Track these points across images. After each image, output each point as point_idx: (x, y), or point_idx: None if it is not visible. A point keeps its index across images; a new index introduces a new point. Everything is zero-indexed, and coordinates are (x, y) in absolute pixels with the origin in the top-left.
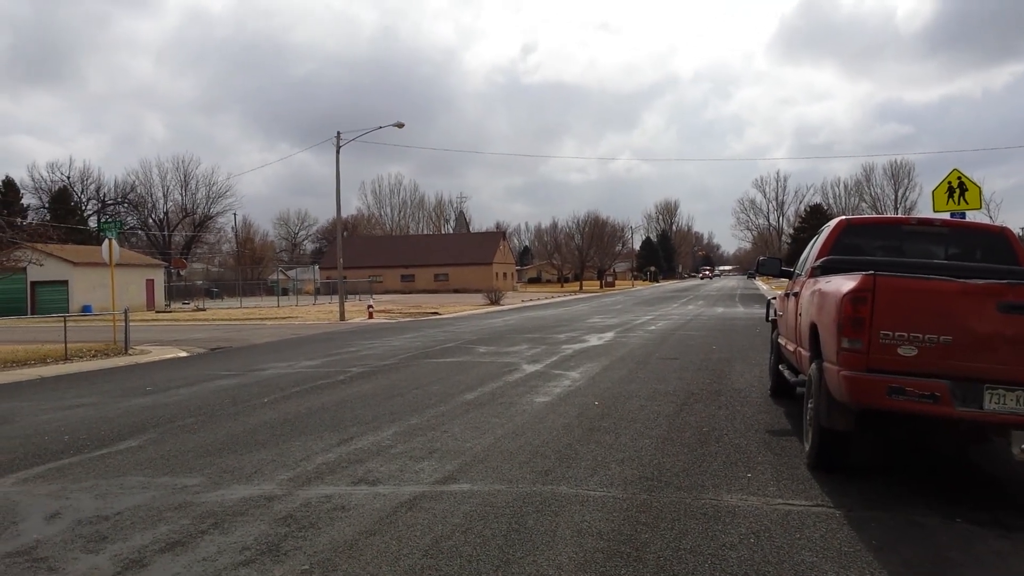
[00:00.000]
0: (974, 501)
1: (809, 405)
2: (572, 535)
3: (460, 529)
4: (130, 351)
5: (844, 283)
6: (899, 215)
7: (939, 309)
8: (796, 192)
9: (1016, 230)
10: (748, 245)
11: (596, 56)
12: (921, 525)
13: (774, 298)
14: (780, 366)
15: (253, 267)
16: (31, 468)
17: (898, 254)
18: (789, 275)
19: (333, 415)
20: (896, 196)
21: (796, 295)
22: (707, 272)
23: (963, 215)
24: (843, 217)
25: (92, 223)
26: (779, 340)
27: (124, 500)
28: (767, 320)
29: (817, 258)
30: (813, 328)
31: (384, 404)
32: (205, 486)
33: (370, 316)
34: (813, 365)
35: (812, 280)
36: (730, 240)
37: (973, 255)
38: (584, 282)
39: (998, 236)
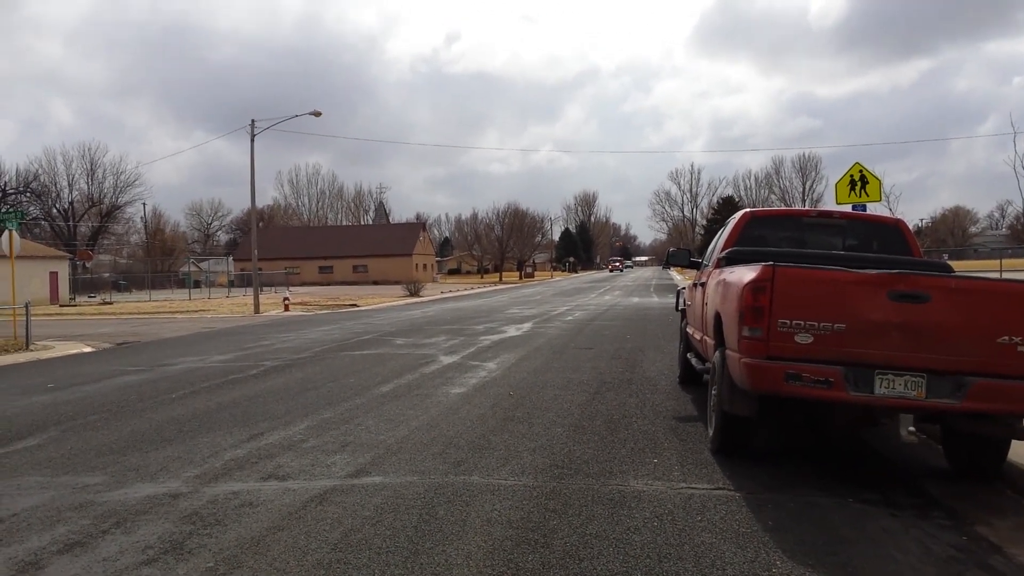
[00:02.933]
0: (866, 482)
1: (713, 392)
2: (482, 524)
3: (370, 522)
4: (32, 347)
5: (745, 273)
6: (804, 207)
7: (834, 298)
8: (710, 184)
9: (916, 222)
10: (664, 236)
11: (519, 47)
12: (816, 506)
13: (683, 288)
14: (688, 354)
15: (164, 259)
16: None
17: (799, 245)
18: (698, 266)
19: (244, 410)
20: (804, 188)
21: (703, 285)
22: (617, 264)
23: (864, 207)
24: (747, 210)
25: None
26: (687, 329)
27: (21, 501)
28: (677, 310)
29: (723, 249)
30: (718, 317)
31: (297, 398)
32: (108, 485)
33: (286, 309)
34: (717, 353)
35: (717, 271)
36: (647, 231)
37: (870, 246)
38: (504, 273)
39: (893, 228)
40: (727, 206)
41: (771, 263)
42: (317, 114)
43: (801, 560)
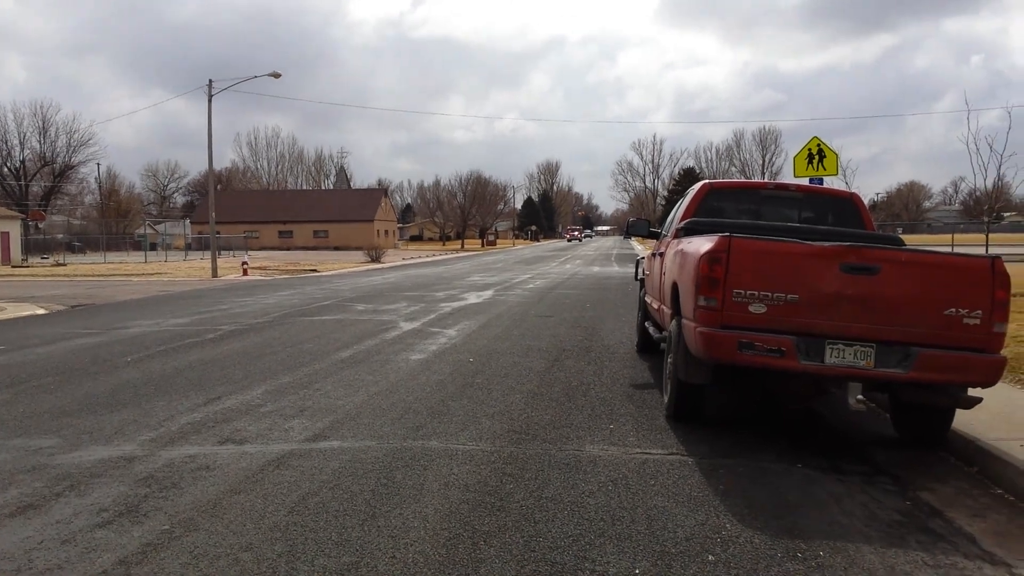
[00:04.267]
0: (816, 449)
1: (669, 360)
2: (439, 488)
3: (328, 485)
4: None
5: (702, 244)
6: (764, 180)
7: (788, 270)
8: (671, 156)
9: (872, 196)
10: (625, 206)
11: (486, 13)
12: (766, 471)
13: (643, 258)
14: (646, 323)
15: (119, 221)
16: None
17: (756, 217)
18: (657, 236)
19: (200, 374)
20: (763, 161)
21: (661, 255)
22: (576, 233)
23: (821, 181)
24: (706, 181)
25: None
26: (646, 298)
27: None
28: (636, 279)
29: (681, 220)
30: (675, 287)
31: (255, 363)
32: (61, 448)
33: (244, 273)
34: (673, 322)
35: (676, 241)
36: (609, 201)
37: (825, 219)
38: (466, 241)
39: (847, 201)
40: (688, 177)
41: (727, 234)
42: (276, 75)
43: (750, 523)
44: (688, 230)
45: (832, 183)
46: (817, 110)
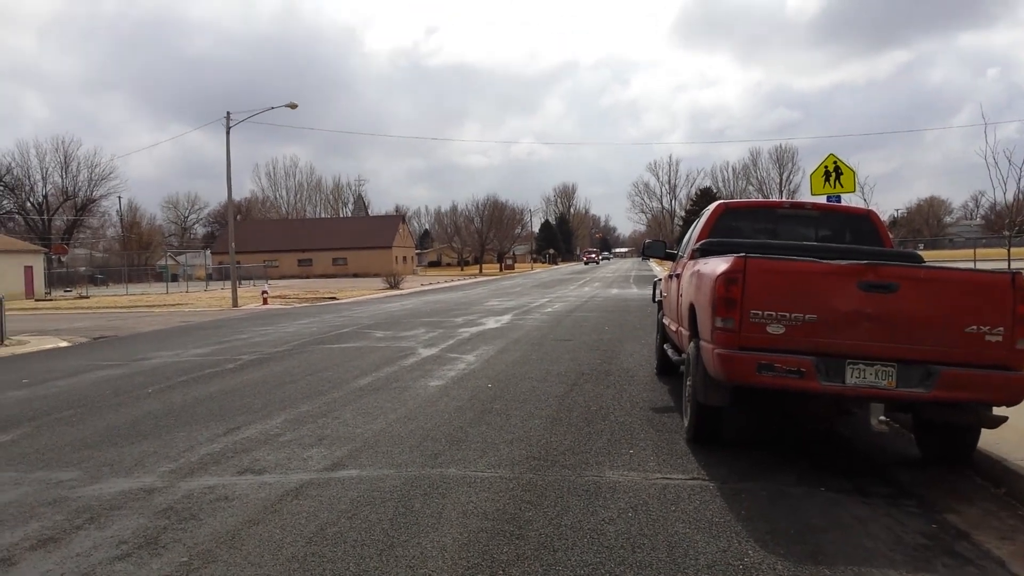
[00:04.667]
0: (838, 471)
1: (688, 382)
2: (458, 516)
3: (346, 515)
4: (6, 341)
5: (718, 265)
6: (781, 198)
7: (805, 289)
8: (688, 176)
9: (891, 212)
10: (643, 227)
11: (498, 40)
12: (788, 495)
13: (660, 279)
14: (665, 345)
15: (140, 252)
16: None
17: (772, 236)
18: (673, 257)
19: (220, 404)
20: (781, 179)
21: (678, 276)
22: (593, 255)
23: (838, 198)
24: (721, 201)
25: None
26: (664, 320)
27: None
28: (653, 301)
29: (697, 240)
30: (692, 308)
31: (274, 392)
32: (82, 480)
33: (264, 302)
34: (692, 344)
35: (692, 262)
36: (626, 223)
37: (843, 237)
38: (484, 265)
39: (864, 218)
40: (705, 197)
41: (743, 254)
42: (293, 106)
43: (772, 549)
44: (704, 251)
45: (850, 200)
46: (832, 127)
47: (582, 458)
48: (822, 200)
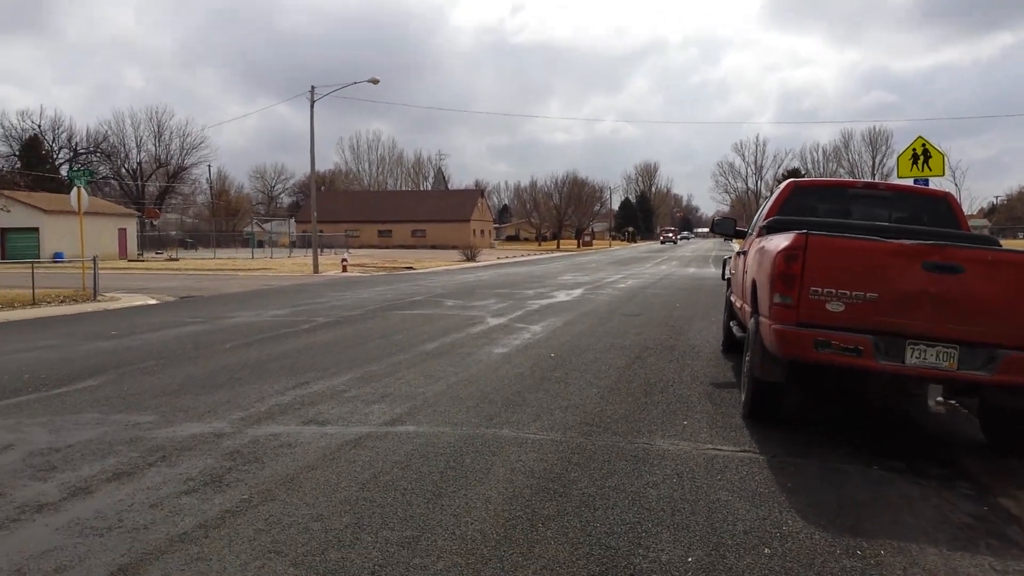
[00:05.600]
0: (895, 451)
1: (746, 358)
2: (505, 473)
3: (399, 465)
4: (99, 297)
5: (780, 241)
6: (873, 180)
7: (867, 267)
8: (775, 156)
9: (990, 199)
10: (726, 207)
11: (584, 17)
12: (839, 471)
13: (729, 257)
14: (732, 323)
15: (228, 219)
16: None
17: (844, 216)
18: (743, 235)
19: (293, 361)
20: (873, 162)
21: (745, 254)
22: (670, 234)
23: (926, 182)
24: (791, 179)
25: (64, 172)
26: (731, 297)
27: (76, 435)
28: (723, 279)
29: (765, 218)
30: (754, 284)
31: (345, 352)
32: (157, 423)
33: (344, 269)
34: (752, 319)
35: (758, 239)
36: (709, 202)
37: (917, 218)
38: (562, 241)
39: (941, 201)
40: (793, 178)
41: (804, 231)
42: (375, 81)
43: (812, 520)
44: (770, 228)
45: (940, 184)
46: (930, 110)
47: (634, 426)
48: (909, 183)
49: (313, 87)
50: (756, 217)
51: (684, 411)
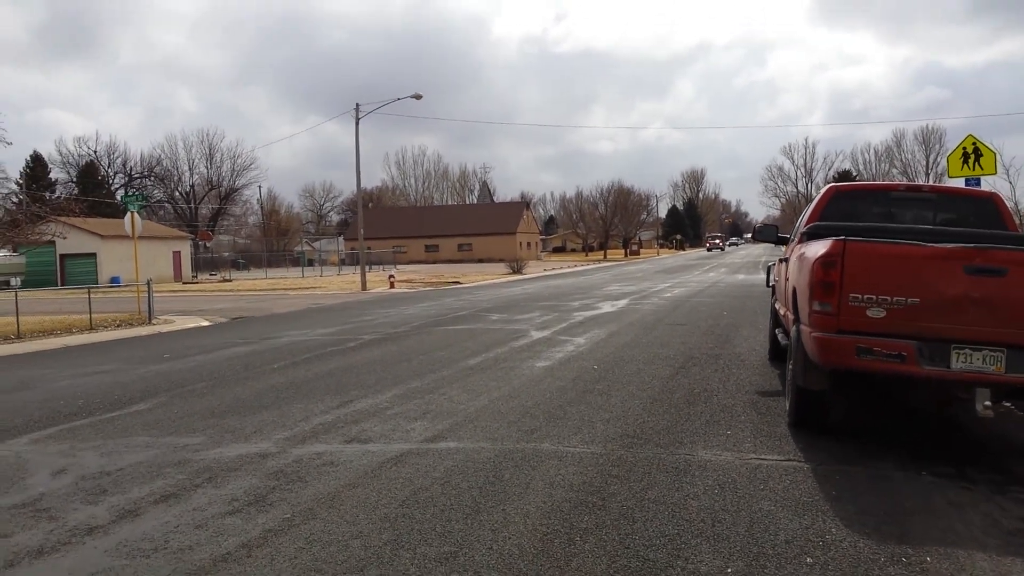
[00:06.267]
0: (946, 457)
1: (789, 365)
2: (544, 487)
3: (439, 482)
4: (154, 321)
5: (818, 248)
6: (928, 182)
7: (907, 272)
8: (825, 159)
9: None
10: (776, 212)
11: (628, 24)
12: (886, 478)
13: (773, 264)
14: (777, 330)
15: (279, 239)
16: (44, 429)
17: (887, 220)
18: (785, 241)
19: (338, 380)
20: (927, 162)
21: (787, 260)
22: (717, 241)
23: (978, 181)
24: (832, 184)
25: (119, 197)
26: (775, 305)
27: (127, 457)
28: (767, 286)
29: (806, 224)
30: (795, 292)
31: (389, 369)
32: (205, 445)
33: (391, 286)
34: (794, 327)
35: (800, 246)
36: (758, 208)
37: (965, 220)
38: (609, 251)
39: (987, 202)
40: (844, 181)
41: (841, 238)
42: (418, 97)
43: (857, 529)
44: (811, 234)
45: (994, 183)
46: (986, 106)
47: (676, 437)
48: (960, 183)
49: (358, 105)
50: (798, 223)
51: (728, 421)
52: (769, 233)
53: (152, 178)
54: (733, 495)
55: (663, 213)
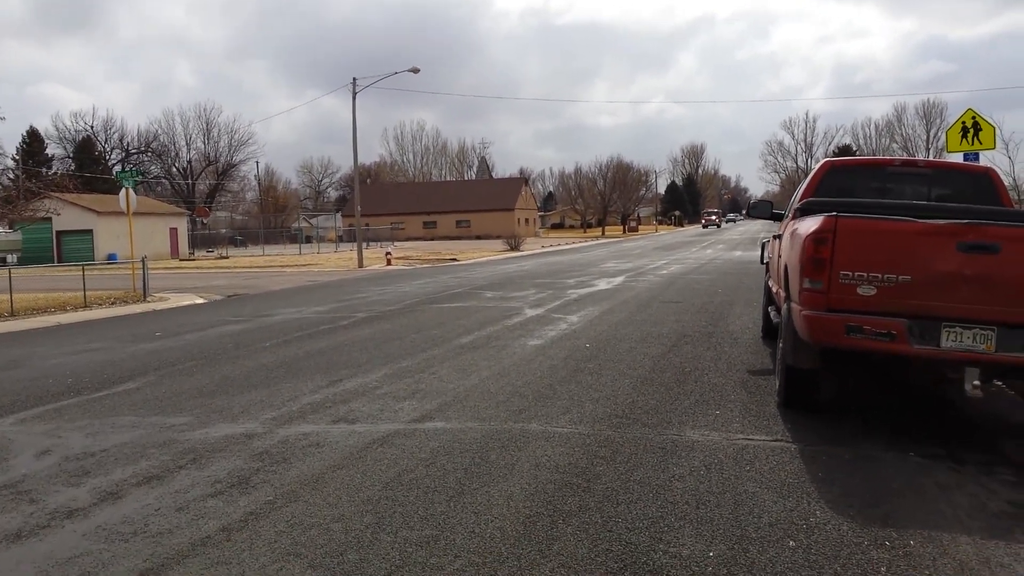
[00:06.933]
0: (932, 437)
1: (779, 344)
2: (530, 468)
3: (424, 463)
4: (149, 298)
5: (809, 225)
6: (928, 157)
7: (899, 249)
8: (826, 133)
9: None
10: (776, 188)
11: None
12: (874, 459)
13: (767, 240)
14: (770, 308)
15: (276, 215)
16: (31, 409)
17: (882, 195)
18: (781, 217)
19: (328, 358)
20: (928, 136)
21: (780, 237)
22: (713, 217)
23: (976, 156)
24: (827, 159)
25: (115, 172)
26: (769, 282)
27: (112, 438)
28: (761, 263)
29: (800, 200)
30: (787, 269)
31: (380, 348)
32: (191, 425)
33: (388, 263)
34: (785, 305)
35: (792, 222)
36: (758, 183)
37: (961, 195)
38: (607, 227)
39: (983, 176)
40: (844, 155)
41: (834, 214)
42: (416, 71)
43: (842, 510)
44: (804, 210)
45: (993, 158)
46: (991, 79)
47: (665, 417)
48: (958, 158)
49: (355, 79)
50: (792, 198)
51: (717, 400)
52: (764, 209)
53: (149, 154)
54: (719, 476)
55: (662, 189)
